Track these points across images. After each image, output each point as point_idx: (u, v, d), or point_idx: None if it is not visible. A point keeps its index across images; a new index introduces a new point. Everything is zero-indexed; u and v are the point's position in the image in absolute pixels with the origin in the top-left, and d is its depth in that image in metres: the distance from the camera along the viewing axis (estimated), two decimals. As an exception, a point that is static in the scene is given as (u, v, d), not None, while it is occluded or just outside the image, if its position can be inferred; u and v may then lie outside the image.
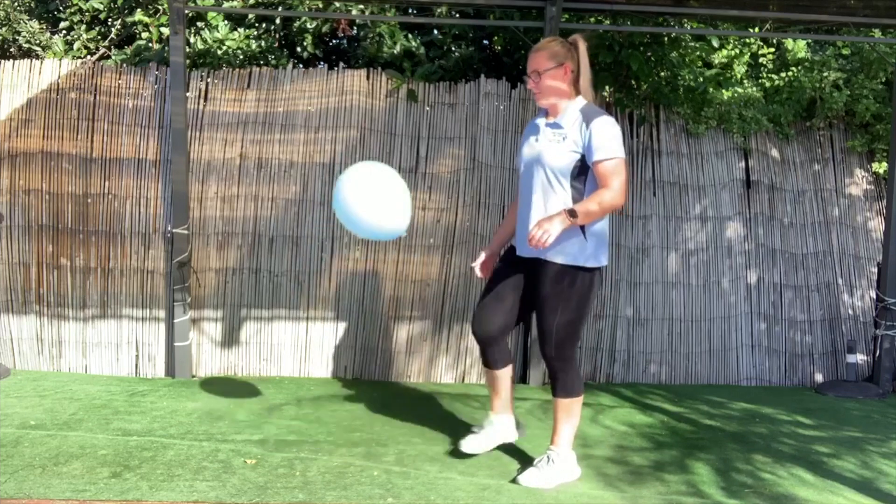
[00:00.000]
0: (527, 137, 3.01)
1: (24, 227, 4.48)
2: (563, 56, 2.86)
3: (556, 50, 2.87)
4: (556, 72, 2.86)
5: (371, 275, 4.62)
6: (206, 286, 4.52)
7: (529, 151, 2.94)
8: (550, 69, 2.86)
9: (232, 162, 4.57)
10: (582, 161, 2.81)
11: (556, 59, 2.86)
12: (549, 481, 2.83)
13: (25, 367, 4.48)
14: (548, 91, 2.88)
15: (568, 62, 2.87)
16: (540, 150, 2.88)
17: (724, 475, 2.98)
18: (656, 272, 4.82)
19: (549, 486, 2.82)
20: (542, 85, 2.88)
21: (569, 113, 2.87)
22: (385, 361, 4.63)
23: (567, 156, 2.81)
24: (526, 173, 2.95)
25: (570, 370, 2.88)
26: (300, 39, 5.33)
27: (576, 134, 2.81)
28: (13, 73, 4.52)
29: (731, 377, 4.84)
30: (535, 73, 2.88)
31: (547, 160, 2.84)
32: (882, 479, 3.00)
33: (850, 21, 4.71)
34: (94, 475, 2.73)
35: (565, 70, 2.86)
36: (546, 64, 2.86)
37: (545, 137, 2.89)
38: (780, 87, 5.17)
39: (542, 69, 2.86)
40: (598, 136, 2.77)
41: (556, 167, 2.82)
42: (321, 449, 3.12)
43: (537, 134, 2.94)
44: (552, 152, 2.84)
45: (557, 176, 2.83)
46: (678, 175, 4.92)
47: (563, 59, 2.86)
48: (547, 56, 2.87)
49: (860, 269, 5.05)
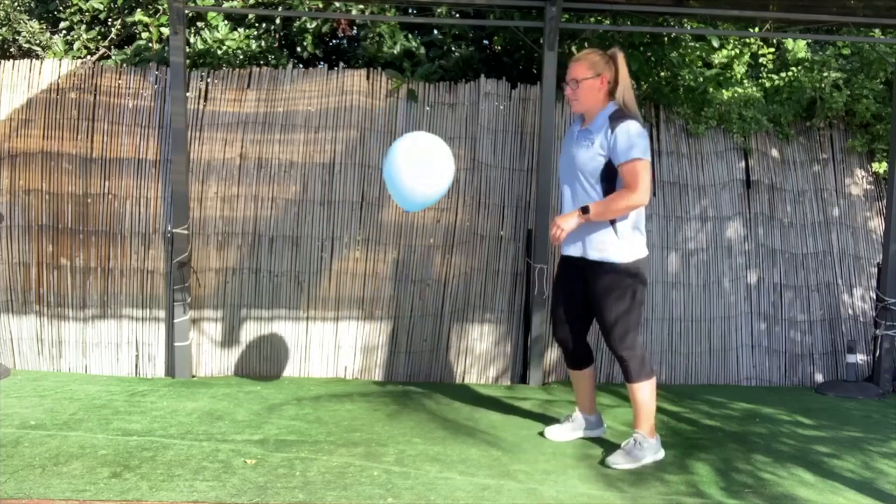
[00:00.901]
0: (564, 143, 3.22)
1: (24, 227, 4.48)
2: (601, 67, 3.03)
3: (594, 60, 3.04)
4: (593, 82, 3.03)
5: (371, 275, 4.62)
6: (206, 286, 4.52)
7: (565, 157, 3.16)
8: (588, 79, 3.03)
9: (232, 162, 4.57)
10: (609, 164, 2.98)
11: (594, 70, 3.02)
12: (635, 461, 3.04)
13: (25, 367, 4.48)
14: (584, 99, 3.05)
15: (605, 73, 3.03)
16: (573, 155, 3.08)
17: (725, 475, 2.98)
18: (656, 272, 4.82)
19: (636, 465, 3.03)
20: (579, 93, 3.05)
21: (599, 119, 3.04)
22: (385, 361, 4.63)
23: (595, 160, 3.00)
24: (564, 178, 3.15)
25: (634, 357, 3.07)
26: (300, 39, 5.33)
27: (602, 138, 2.98)
28: (13, 73, 4.52)
29: (731, 377, 4.84)
30: (573, 81, 3.06)
31: (578, 164, 3.04)
32: (882, 479, 3.00)
33: (850, 21, 4.71)
34: (94, 475, 2.73)
35: (602, 80, 3.03)
36: (585, 73, 3.03)
37: (577, 143, 3.08)
38: (780, 87, 5.17)
39: (581, 78, 3.03)
40: (621, 139, 2.93)
41: (586, 171, 3.02)
42: (321, 449, 3.12)
43: (572, 140, 3.14)
44: (582, 157, 3.03)
45: (588, 179, 3.02)
46: (678, 175, 4.92)
47: (602, 69, 3.03)
48: (586, 66, 3.03)
49: (860, 269, 5.05)
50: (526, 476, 2.90)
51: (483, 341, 4.64)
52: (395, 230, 4.63)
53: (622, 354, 3.06)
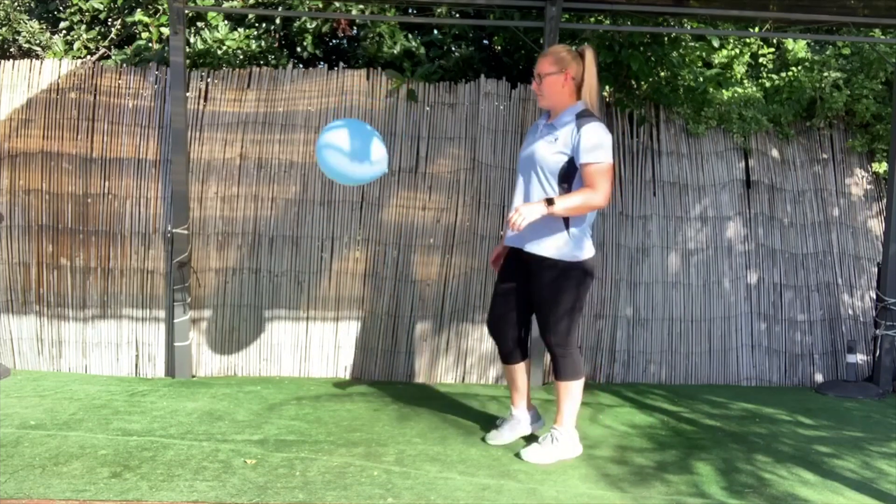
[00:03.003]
0: (528, 136, 3.20)
1: (24, 227, 4.48)
2: (566, 63, 3.03)
3: (560, 56, 3.04)
4: (556, 77, 3.03)
5: (371, 275, 4.61)
6: (206, 286, 4.52)
7: (527, 150, 3.12)
8: (552, 74, 3.03)
9: (232, 162, 4.57)
10: (570, 163, 2.97)
11: (559, 65, 3.02)
12: (550, 457, 3.07)
13: (25, 367, 4.48)
14: (547, 94, 3.06)
15: (569, 69, 3.03)
16: (534, 149, 3.06)
17: (726, 475, 2.98)
18: (656, 272, 4.82)
19: (550, 461, 3.06)
20: (543, 88, 3.06)
21: (565, 116, 3.02)
22: (385, 361, 4.63)
23: (556, 156, 2.98)
24: (521, 170, 3.12)
25: (569, 356, 3.09)
26: (300, 39, 5.33)
27: (567, 136, 2.98)
28: (13, 73, 4.52)
29: (731, 377, 4.84)
30: (538, 75, 3.07)
31: (538, 159, 3.02)
32: (882, 479, 3.00)
33: (850, 21, 4.71)
34: (94, 475, 2.72)
35: (566, 77, 3.03)
36: (549, 68, 3.04)
37: (540, 137, 3.07)
38: (780, 87, 5.18)
39: (545, 73, 3.04)
40: (586, 140, 2.92)
41: (546, 166, 3.00)
42: (321, 449, 3.12)
43: (535, 133, 3.12)
44: (543, 152, 3.01)
45: (547, 175, 3.00)
46: (678, 175, 4.92)
47: (566, 66, 3.02)
48: (551, 61, 3.04)
49: (860, 269, 5.05)
50: (526, 476, 2.90)
51: (483, 342, 4.64)
52: (395, 230, 4.63)
53: (558, 352, 3.08)
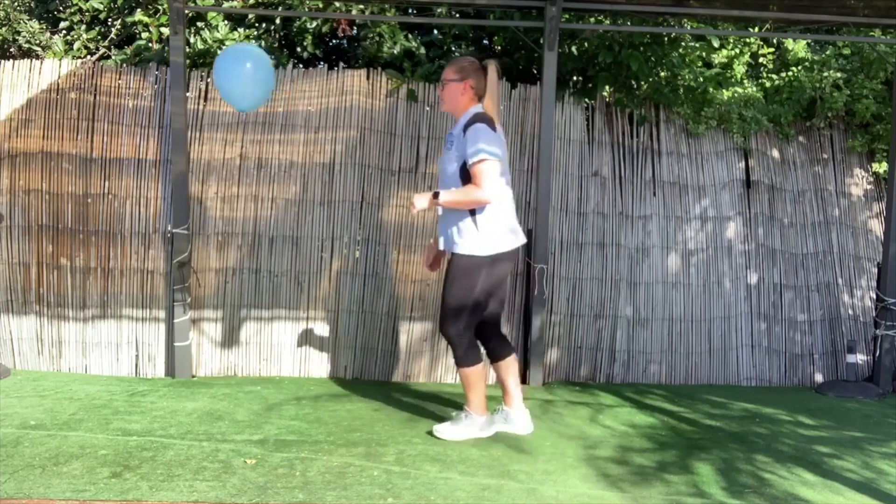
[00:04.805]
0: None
1: (24, 227, 4.48)
2: (467, 73, 3.22)
3: (463, 66, 3.24)
4: (456, 85, 3.22)
5: (371, 275, 4.61)
6: (206, 286, 4.52)
7: (440, 157, 3.33)
8: (453, 81, 3.23)
9: (232, 162, 4.57)
10: (464, 166, 3.13)
11: (460, 74, 3.22)
12: (457, 434, 3.28)
13: (25, 367, 4.48)
14: (447, 100, 3.27)
15: (469, 79, 3.21)
16: (440, 161, 3.30)
17: (726, 475, 2.98)
18: (656, 272, 4.82)
19: (457, 438, 3.26)
20: (444, 93, 3.28)
21: (461, 122, 3.22)
22: (385, 361, 4.63)
23: (452, 163, 3.17)
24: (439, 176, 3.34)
25: (458, 345, 3.22)
26: (300, 39, 5.33)
27: (458, 141, 3.16)
28: (13, 73, 4.52)
29: (731, 377, 4.84)
30: (442, 81, 3.29)
31: (442, 166, 3.26)
32: (882, 479, 3.00)
33: (850, 21, 4.71)
34: (94, 475, 2.72)
35: (465, 86, 3.21)
36: (451, 76, 3.25)
37: (445, 149, 3.27)
38: (780, 87, 5.17)
39: (447, 79, 3.27)
40: (470, 142, 3.09)
41: (448, 172, 3.19)
42: (321, 449, 3.12)
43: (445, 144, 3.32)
44: (443, 164, 3.24)
45: (451, 180, 3.18)
46: (678, 175, 4.92)
47: (467, 76, 3.21)
48: (454, 70, 3.25)
49: (860, 269, 5.05)
50: (526, 476, 2.90)
51: (483, 341, 4.63)
52: (395, 230, 4.63)
53: (451, 336, 3.20)
